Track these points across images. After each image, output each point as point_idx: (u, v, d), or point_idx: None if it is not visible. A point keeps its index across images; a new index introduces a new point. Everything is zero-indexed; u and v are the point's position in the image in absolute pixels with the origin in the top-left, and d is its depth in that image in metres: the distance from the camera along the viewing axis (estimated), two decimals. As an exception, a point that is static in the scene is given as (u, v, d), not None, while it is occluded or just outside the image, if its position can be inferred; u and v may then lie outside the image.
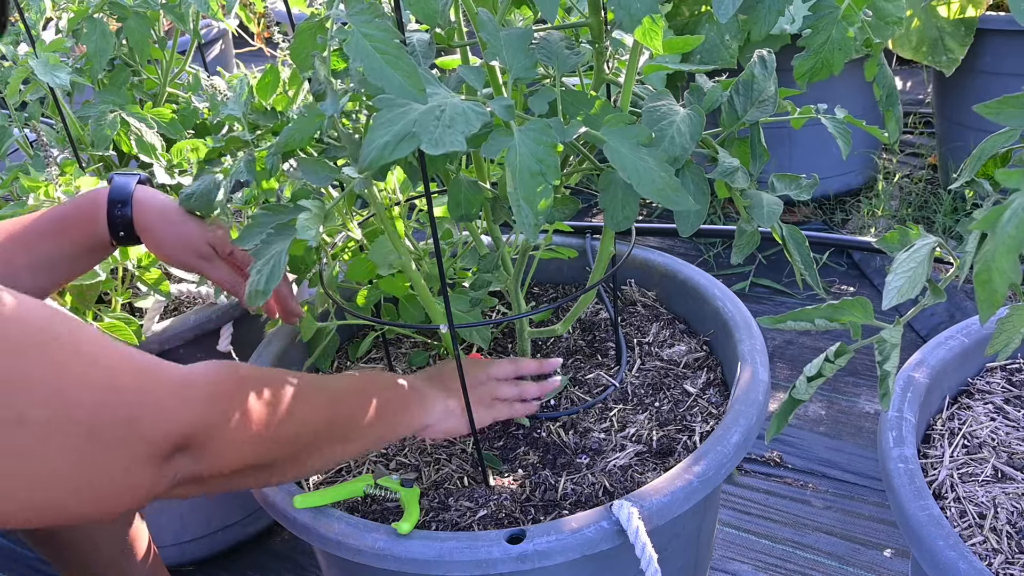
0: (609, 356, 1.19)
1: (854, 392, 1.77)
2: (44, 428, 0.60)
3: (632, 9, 0.71)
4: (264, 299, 0.84)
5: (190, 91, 1.55)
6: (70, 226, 1.04)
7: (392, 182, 1.13)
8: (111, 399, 0.65)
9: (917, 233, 0.78)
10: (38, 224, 1.03)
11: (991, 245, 0.53)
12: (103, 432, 0.64)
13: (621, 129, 0.79)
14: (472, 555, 0.83)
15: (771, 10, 0.74)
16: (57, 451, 0.62)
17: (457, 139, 0.69)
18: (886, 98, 0.83)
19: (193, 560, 1.50)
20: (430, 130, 0.69)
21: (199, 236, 1.05)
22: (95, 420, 0.63)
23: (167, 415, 0.68)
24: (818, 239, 2.11)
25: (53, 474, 0.62)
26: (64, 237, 1.03)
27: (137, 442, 0.66)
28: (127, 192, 1.04)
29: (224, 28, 2.68)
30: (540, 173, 0.72)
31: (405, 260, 1.01)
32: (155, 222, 1.04)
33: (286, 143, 0.93)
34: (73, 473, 0.63)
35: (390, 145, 0.70)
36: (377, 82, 0.68)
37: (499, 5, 0.90)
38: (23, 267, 1.00)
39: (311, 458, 0.85)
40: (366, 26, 0.69)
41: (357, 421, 0.89)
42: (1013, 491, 0.89)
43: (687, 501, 0.88)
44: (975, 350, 1.04)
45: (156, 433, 0.67)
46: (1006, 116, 0.64)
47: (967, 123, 2.21)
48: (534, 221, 0.73)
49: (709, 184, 0.87)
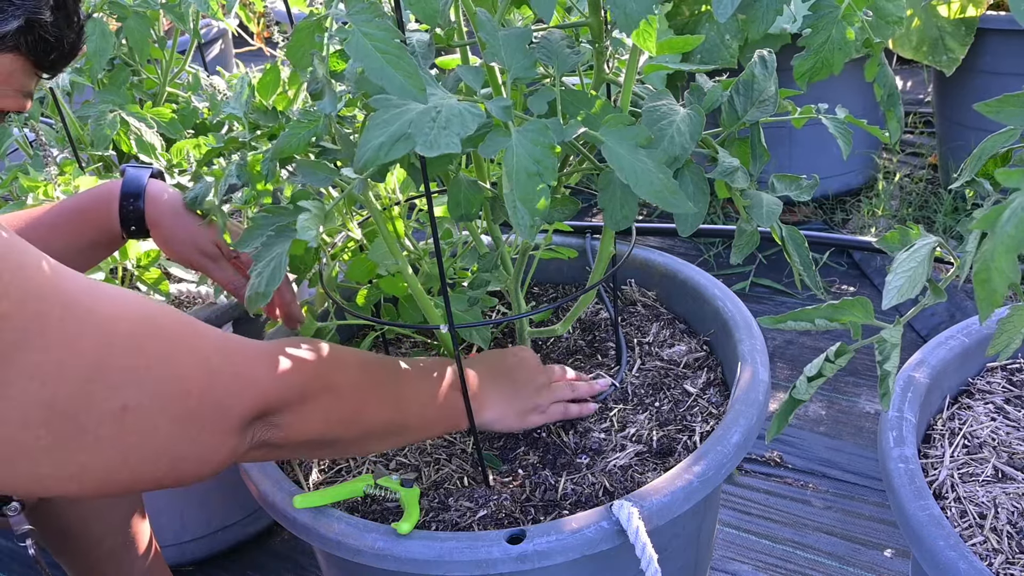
0: (609, 356, 1.19)
1: (854, 392, 1.77)
2: (145, 414, 0.64)
3: (628, 9, 0.71)
4: (264, 301, 0.85)
5: (190, 91, 1.55)
6: (83, 219, 1.04)
7: (392, 182, 1.13)
8: (206, 383, 0.69)
9: (917, 233, 0.78)
10: (52, 216, 1.03)
11: (990, 244, 0.53)
12: (200, 413, 0.68)
13: (620, 130, 0.79)
14: (472, 555, 0.83)
15: (769, 9, 0.73)
16: (156, 433, 0.65)
17: (453, 141, 0.69)
18: (887, 98, 0.83)
19: (193, 560, 1.50)
20: (425, 132, 0.69)
21: (207, 235, 1.06)
22: (193, 403, 0.67)
23: (253, 386, 0.72)
24: (818, 239, 2.11)
25: (152, 453, 0.66)
26: (77, 229, 1.04)
27: (228, 417, 0.70)
28: (140, 185, 1.04)
29: (224, 28, 2.68)
30: (537, 174, 0.72)
31: (401, 264, 1.01)
32: (165, 217, 1.04)
33: (282, 148, 0.93)
34: (169, 449, 0.67)
35: (385, 146, 0.70)
36: (378, 81, 0.68)
37: (498, 5, 0.90)
38: None
39: (372, 443, 0.90)
40: (366, 25, 0.68)
41: (421, 419, 0.92)
42: (1014, 491, 0.89)
43: (687, 501, 0.88)
44: (975, 350, 1.04)
45: (243, 405, 0.71)
46: (1006, 115, 0.64)
47: (967, 123, 2.21)
48: (530, 222, 0.73)
49: (709, 184, 0.87)
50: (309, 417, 0.79)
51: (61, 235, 1.02)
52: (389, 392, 0.89)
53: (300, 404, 0.77)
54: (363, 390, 0.86)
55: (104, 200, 1.04)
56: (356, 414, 0.85)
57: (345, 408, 0.83)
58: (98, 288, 0.67)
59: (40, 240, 1.01)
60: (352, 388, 0.85)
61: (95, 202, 1.04)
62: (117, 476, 0.66)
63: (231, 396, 0.71)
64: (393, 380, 0.90)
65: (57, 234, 1.02)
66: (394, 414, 0.90)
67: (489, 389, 0.98)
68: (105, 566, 1.16)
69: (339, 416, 0.83)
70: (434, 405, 0.93)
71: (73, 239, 1.03)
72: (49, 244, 1.01)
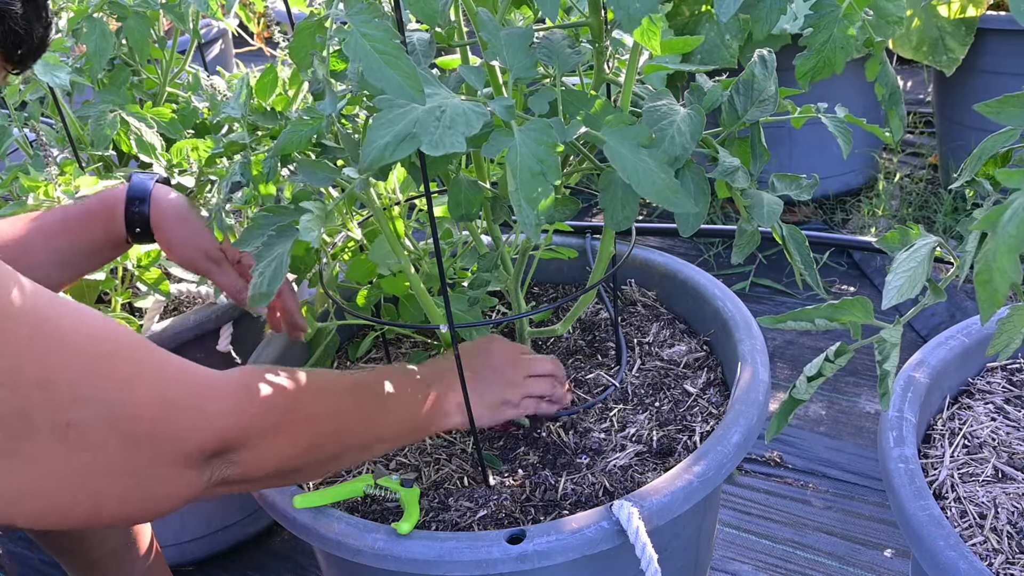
0: (609, 356, 1.19)
1: (854, 392, 1.77)
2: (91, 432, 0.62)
3: (631, 9, 0.71)
4: (267, 301, 0.85)
5: (190, 91, 1.55)
6: (90, 221, 1.05)
7: (392, 182, 1.13)
8: (160, 412, 0.66)
9: (918, 233, 0.78)
10: (60, 219, 1.04)
11: (991, 245, 0.53)
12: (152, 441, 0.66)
13: (621, 129, 0.79)
14: (472, 555, 0.83)
15: (772, 9, 0.73)
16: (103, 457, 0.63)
17: (458, 140, 0.69)
18: (889, 97, 0.83)
19: (193, 560, 1.50)
20: (431, 131, 0.69)
21: (210, 238, 1.06)
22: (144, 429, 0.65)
23: (210, 423, 0.70)
24: (818, 239, 2.11)
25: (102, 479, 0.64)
26: (83, 232, 1.04)
27: (183, 450, 0.68)
28: (145, 190, 1.05)
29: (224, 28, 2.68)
30: (541, 173, 0.72)
31: (404, 263, 1.01)
32: (169, 221, 1.05)
33: (284, 146, 0.92)
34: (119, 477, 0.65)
35: (390, 146, 0.70)
36: (376, 83, 0.68)
37: (499, 5, 0.89)
38: (43, 261, 1.01)
39: (338, 463, 0.89)
40: (365, 26, 0.68)
41: (389, 430, 0.91)
42: (1014, 491, 0.89)
43: (687, 501, 0.88)
44: (975, 350, 1.04)
45: (200, 439, 0.69)
46: (1006, 115, 0.64)
47: (968, 123, 2.21)
48: (535, 221, 0.73)
49: (709, 184, 0.87)
50: (268, 454, 0.76)
51: (67, 237, 1.03)
52: (364, 416, 0.88)
53: (260, 440, 0.75)
54: (335, 417, 0.85)
55: (110, 204, 1.05)
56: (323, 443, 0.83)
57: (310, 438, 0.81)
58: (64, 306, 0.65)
59: (46, 241, 1.02)
60: (324, 417, 0.83)
61: (101, 205, 1.05)
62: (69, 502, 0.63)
63: (187, 429, 0.68)
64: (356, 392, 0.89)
65: (63, 236, 1.03)
66: (367, 434, 0.89)
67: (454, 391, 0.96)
68: (106, 566, 1.16)
69: (305, 446, 0.80)
70: (411, 421, 0.92)
71: (79, 241, 1.04)
72: (55, 245, 1.02)
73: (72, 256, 1.04)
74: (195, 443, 0.69)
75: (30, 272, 0.93)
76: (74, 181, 1.27)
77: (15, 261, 0.99)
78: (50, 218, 1.04)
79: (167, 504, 0.69)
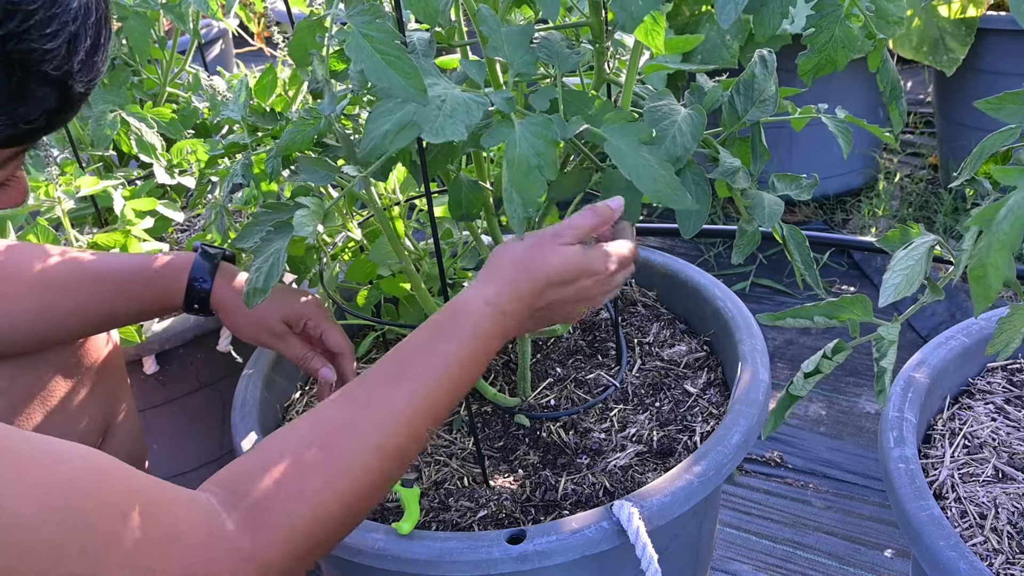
0: (609, 356, 1.19)
1: (855, 392, 1.77)
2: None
3: (632, 9, 0.71)
4: (263, 297, 0.84)
5: (190, 91, 1.55)
6: (151, 289, 1.01)
7: (392, 182, 1.13)
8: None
9: (918, 232, 0.78)
10: (119, 278, 0.99)
11: (986, 241, 0.53)
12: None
13: (622, 127, 0.79)
14: (472, 555, 0.83)
15: (775, 13, 0.74)
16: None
17: (459, 128, 0.69)
18: (889, 92, 0.83)
19: (193, 560, 1.50)
20: (431, 119, 0.69)
21: (273, 315, 1.03)
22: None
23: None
24: (819, 239, 2.11)
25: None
26: (141, 296, 1.01)
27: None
28: (210, 267, 1.03)
29: (224, 28, 2.68)
30: (537, 167, 0.72)
31: (406, 264, 1.01)
32: (232, 303, 1.03)
33: (287, 145, 0.92)
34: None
35: (391, 134, 0.70)
36: (379, 83, 0.68)
37: (500, 4, 0.90)
38: (95, 316, 0.98)
39: (406, 464, 0.74)
40: (367, 27, 0.68)
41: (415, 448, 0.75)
42: (1014, 491, 0.89)
43: (687, 501, 0.88)
44: (976, 350, 1.04)
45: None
46: (1006, 113, 0.64)
47: (968, 123, 2.21)
48: (523, 213, 0.73)
49: (710, 184, 0.87)
50: (301, 567, 0.66)
51: (124, 300, 1.00)
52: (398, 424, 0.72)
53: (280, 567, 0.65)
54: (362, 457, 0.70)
55: (173, 277, 1.02)
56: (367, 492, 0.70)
57: (344, 510, 0.69)
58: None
59: (102, 301, 0.97)
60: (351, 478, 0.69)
61: (163, 276, 1.02)
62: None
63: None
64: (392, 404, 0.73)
65: (121, 297, 0.99)
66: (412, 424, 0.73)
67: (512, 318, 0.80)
68: None
69: (344, 519, 0.69)
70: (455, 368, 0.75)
71: (134, 306, 1.01)
72: (112, 307, 0.99)
73: (126, 317, 1.02)
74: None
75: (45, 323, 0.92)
76: (74, 181, 1.27)
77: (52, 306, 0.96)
78: (108, 273, 0.98)
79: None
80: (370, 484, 0.70)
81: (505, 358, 1.22)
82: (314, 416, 0.72)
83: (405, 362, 0.75)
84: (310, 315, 1.04)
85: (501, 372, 1.20)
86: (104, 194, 1.30)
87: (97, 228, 1.39)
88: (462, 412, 1.13)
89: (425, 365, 0.74)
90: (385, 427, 0.71)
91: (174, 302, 1.03)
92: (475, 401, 1.15)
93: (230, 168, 1.10)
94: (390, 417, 0.72)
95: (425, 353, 0.75)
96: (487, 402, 1.14)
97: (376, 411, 0.72)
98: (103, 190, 1.28)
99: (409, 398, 0.73)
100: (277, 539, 0.65)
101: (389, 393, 0.73)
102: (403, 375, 0.74)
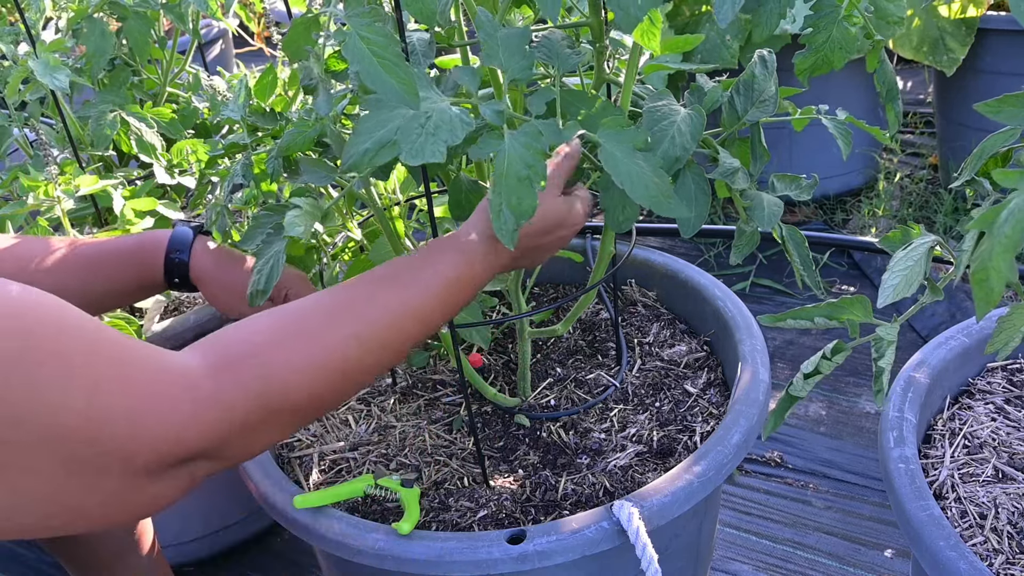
0: (609, 356, 1.19)
1: (855, 392, 1.77)
2: (15, 450, 0.55)
3: (630, 9, 0.71)
4: (264, 298, 0.85)
5: (190, 91, 1.55)
6: (128, 263, 1.03)
7: (392, 182, 1.13)
8: (93, 434, 0.58)
9: (918, 232, 0.78)
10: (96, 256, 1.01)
11: (988, 244, 0.53)
12: (94, 467, 0.59)
13: (617, 132, 0.79)
14: (472, 555, 0.83)
15: (773, 13, 0.74)
16: (56, 485, 0.58)
17: (439, 149, 0.69)
18: (886, 93, 0.83)
19: (193, 560, 1.50)
20: (412, 139, 0.69)
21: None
22: (81, 457, 0.58)
23: (158, 439, 0.61)
24: (819, 239, 2.11)
25: (66, 500, 0.59)
26: (119, 273, 1.02)
27: (138, 467, 0.61)
28: (186, 240, 1.03)
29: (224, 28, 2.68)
30: (528, 178, 0.72)
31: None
32: (209, 272, 1.03)
33: (287, 146, 0.92)
34: (87, 498, 0.59)
35: (370, 152, 0.70)
36: (373, 86, 0.68)
37: (499, 5, 0.90)
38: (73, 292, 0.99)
39: (384, 365, 0.76)
40: (365, 29, 0.68)
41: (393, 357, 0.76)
42: (1014, 491, 0.89)
43: (688, 501, 0.88)
44: (976, 350, 1.04)
45: (153, 458, 0.61)
46: (1006, 114, 0.64)
47: (968, 123, 2.21)
48: (514, 226, 0.72)
49: (710, 184, 0.87)
50: (257, 444, 0.68)
51: (103, 277, 1.01)
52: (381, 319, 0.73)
53: (239, 439, 0.66)
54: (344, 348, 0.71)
55: (150, 250, 1.03)
56: (340, 385, 0.71)
57: (312, 401, 0.70)
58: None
59: (79, 278, 0.98)
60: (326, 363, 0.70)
61: (140, 250, 1.03)
62: (42, 518, 0.58)
63: (130, 450, 0.59)
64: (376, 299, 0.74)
65: (99, 275, 1.01)
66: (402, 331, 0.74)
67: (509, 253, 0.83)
68: (108, 566, 1.16)
69: (309, 410, 0.70)
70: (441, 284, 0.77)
71: (113, 283, 1.02)
72: (90, 284, 0.99)
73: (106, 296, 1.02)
74: (148, 459, 0.61)
75: None
76: (74, 181, 1.27)
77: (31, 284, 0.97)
78: (87, 253, 1.00)
79: (154, 506, 0.64)
80: (344, 364, 0.71)
81: (505, 358, 1.22)
82: (306, 299, 0.73)
83: (396, 267, 0.78)
84: (291, 285, 1.04)
85: (501, 372, 1.20)
86: (104, 194, 1.29)
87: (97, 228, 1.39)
88: (462, 412, 1.13)
89: (415, 275, 0.77)
90: (369, 318, 0.73)
91: (154, 277, 1.04)
92: (475, 401, 1.15)
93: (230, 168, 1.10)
94: (377, 311, 0.73)
95: (416, 265, 0.78)
96: (487, 402, 1.14)
97: (367, 304, 0.73)
98: (103, 190, 1.28)
99: (399, 299, 0.75)
100: (243, 380, 0.65)
101: (383, 290, 0.75)
102: (396, 279, 0.76)
